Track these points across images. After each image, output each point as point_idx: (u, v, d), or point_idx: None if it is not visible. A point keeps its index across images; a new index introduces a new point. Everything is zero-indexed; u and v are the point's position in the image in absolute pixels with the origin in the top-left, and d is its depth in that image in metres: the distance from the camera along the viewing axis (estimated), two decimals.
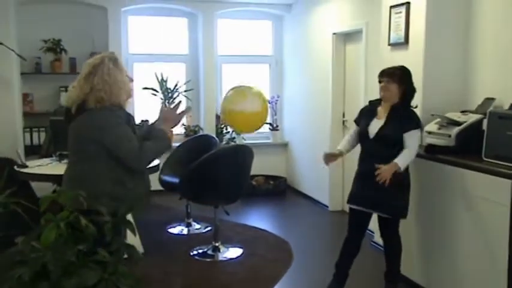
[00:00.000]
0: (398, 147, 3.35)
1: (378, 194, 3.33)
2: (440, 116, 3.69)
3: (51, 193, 2.02)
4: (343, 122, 5.89)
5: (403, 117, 3.38)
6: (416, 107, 3.49)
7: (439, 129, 3.66)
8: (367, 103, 3.71)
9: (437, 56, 3.95)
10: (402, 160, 3.29)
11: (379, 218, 3.55)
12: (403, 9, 4.09)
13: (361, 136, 3.53)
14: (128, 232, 2.11)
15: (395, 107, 3.41)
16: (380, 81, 3.46)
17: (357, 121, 3.66)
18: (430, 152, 3.55)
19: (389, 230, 3.54)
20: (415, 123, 3.40)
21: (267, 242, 4.97)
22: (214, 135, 5.92)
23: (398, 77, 3.39)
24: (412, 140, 3.35)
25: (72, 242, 1.79)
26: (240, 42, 7.25)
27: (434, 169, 3.53)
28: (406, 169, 3.41)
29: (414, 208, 3.68)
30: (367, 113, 3.57)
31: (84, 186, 2.35)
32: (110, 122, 2.62)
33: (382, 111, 3.46)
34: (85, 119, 2.64)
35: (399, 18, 4.14)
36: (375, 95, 4.50)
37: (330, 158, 3.62)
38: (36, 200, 3.99)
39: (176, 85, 6.61)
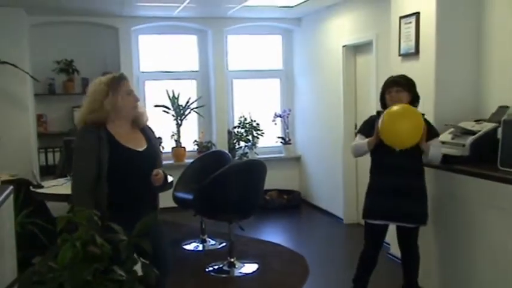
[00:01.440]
0: (419, 157, 3.35)
1: (406, 205, 3.32)
2: (454, 126, 3.66)
3: (66, 213, 2.03)
4: (356, 133, 5.85)
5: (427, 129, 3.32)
6: (423, 115, 3.41)
7: (452, 138, 3.63)
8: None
9: (449, 65, 3.93)
10: (433, 147, 3.30)
11: (399, 229, 3.50)
12: (413, 19, 4.09)
13: (381, 150, 3.33)
14: None
15: None
16: (388, 91, 3.41)
17: (363, 132, 3.54)
18: (444, 162, 3.51)
19: (412, 239, 3.49)
20: (435, 131, 3.43)
21: (282, 256, 4.94)
22: (226, 151, 5.93)
23: (406, 85, 3.39)
24: (438, 145, 3.37)
25: (88, 261, 1.79)
26: (250, 57, 7.29)
27: (449, 179, 3.49)
28: (424, 174, 3.42)
29: (430, 218, 3.64)
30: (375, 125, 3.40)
31: None
32: (76, 143, 2.67)
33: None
34: None
35: (409, 28, 4.14)
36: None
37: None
38: (52, 219, 4.04)
39: (188, 102, 6.66)
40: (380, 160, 3.44)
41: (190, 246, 5.25)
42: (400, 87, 3.38)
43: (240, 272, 4.49)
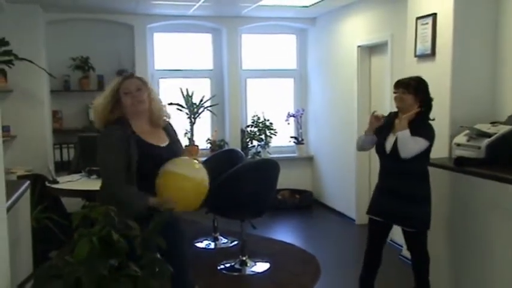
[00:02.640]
0: (415, 162, 3.27)
1: (401, 208, 3.30)
2: (469, 128, 3.64)
3: (81, 208, 2.06)
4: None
5: (419, 130, 3.26)
6: (433, 119, 3.37)
7: (468, 141, 3.61)
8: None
9: (465, 67, 3.90)
10: (408, 136, 3.21)
11: (405, 233, 3.48)
12: (429, 20, 4.07)
13: (378, 151, 3.45)
14: None
15: (413, 120, 3.30)
16: (395, 92, 3.37)
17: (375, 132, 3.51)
18: (459, 165, 3.48)
19: (418, 243, 3.45)
20: (427, 136, 3.26)
21: (294, 256, 4.94)
22: (239, 150, 5.94)
23: (413, 88, 3.30)
24: (416, 141, 3.22)
25: (104, 256, 1.81)
26: (264, 57, 7.29)
27: (463, 181, 3.46)
28: (427, 180, 3.37)
29: (444, 221, 3.62)
30: (385, 125, 3.43)
31: None
32: (100, 140, 2.70)
33: (401, 125, 3.31)
34: None
35: (426, 29, 4.12)
36: None
37: (377, 119, 3.44)
38: (66, 215, 4.08)
39: (201, 100, 6.67)
40: (383, 163, 3.46)
41: (202, 244, 5.27)
42: (406, 89, 3.30)
43: (252, 271, 4.50)
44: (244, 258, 4.59)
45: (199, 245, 5.26)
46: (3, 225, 1.83)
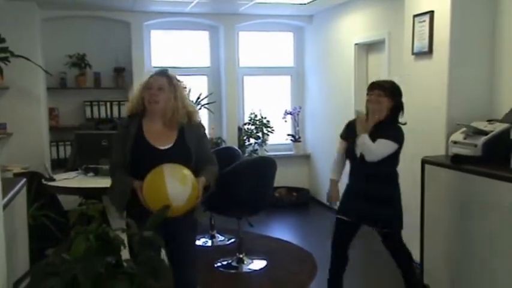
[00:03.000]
0: (383, 164, 3.25)
1: (370, 210, 3.31)
2: (466, 126, 3.64)
3: (78, 206, 2.06)
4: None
5: (388, 133, 3.24)
6: (405, 123, 3.36)
7: (464, 138, 3.61)
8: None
9: (463, 64, 3.91)
10: (369, 141, 3.22)
11: (379, 234, 3.46)
12: (427, 17, 4.07)
13: (349, 156, 3.45)
14: None
15: (382, 123, 3.28)
16: (369, 94, 3.33)
17: (342, 135, 3.57)
18: (455, 162, 3.49)
19: (392, 243, 3.45)
20: (396, 139, 3.25)
21: (291, 253, 4.95)
22: (237, 147, 5.94)
23: (389, 91, 3.27)
24: (382, 144, 3.20)
25: (101, 253, 1.80)
26: (261, 54, 7.28)
27: (460, 179, 3.47)
28: (395, 182, 3.36)
29: (441, 219, 3.62)
30: (354, 129, 3.37)
31: None
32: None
33: (367, 127, 3.29)
34: None
35: (423, 27, 4.12)
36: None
37: (336, 193, 3.56)
38: (63, 212, 4.07)
39: (198, 98, 6.67)
40: (352, 166, 3.45)
41: (199, 242, 5.27)
42: (382, 92, 3.26)
43: (249, 268, 4.50)
44: (241, 256, 4.60)
45: (196, 242, 5.25)
46: None
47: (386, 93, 3.26)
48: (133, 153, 2.73)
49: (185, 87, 2.94)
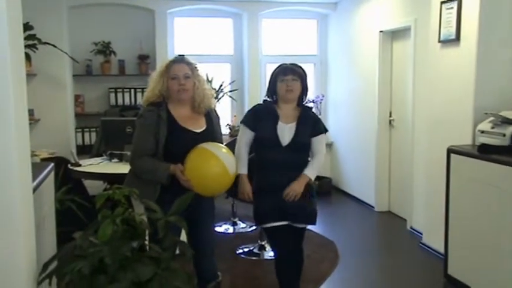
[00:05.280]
0: (308, 153, 3.17)
1: (296, 205, 3.07)
2: (494, 115, 3.58)
3: (103, 191, 2.09)
4: (390, 121, 5.80)
5: (313, 120, 3.15)
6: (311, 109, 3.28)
7: (492, 128, 3.55)
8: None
9: (491, 52, 3.83)
10: (313, 171, 3.10)
11: (288, 229, 3.14)
12: (454, 4, 3.99)
13: (269, 143, 3.09)
14: None
15: (304, 109, 3.18)
16: (282, 79, 3.17)
17: (249, 124, 3.19)
18: (483, 152, 3.44)
19: (301, 239, 3.23)
20: (323, 127, 3.20)
21: (313, 241, 4.94)
22: None
23: (301, 76, 3.19)
24: (321, 146, 3.17)
25: (127, 237, 1.84)
26: (284, 42, 7.24)
27: (487, 169, 3.41)
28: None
29: (466, 210, 3.58)
30: (267, 116, 3.15)
31: None
32: (136, 120, 2.87)
33: (288, 114, 3.13)
34: None
35: (450, 14, 4.04)
36: (422, 93, 4.40)
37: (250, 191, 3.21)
38: (88, 197, 4.13)
39: (221, 85, 6.66)
40: (265, 154, 3.14)
41: (221, 229, 5.31)
42: (296, 76, 3.15)
43: (270, 256, 4.51)
44: (262, 243, 4.61)
45: (218, 229, 5.29)
46: (29, 206, 1.86)
47: (299, 77, 3.24)
48: (170, 139, 2.73)
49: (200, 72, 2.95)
